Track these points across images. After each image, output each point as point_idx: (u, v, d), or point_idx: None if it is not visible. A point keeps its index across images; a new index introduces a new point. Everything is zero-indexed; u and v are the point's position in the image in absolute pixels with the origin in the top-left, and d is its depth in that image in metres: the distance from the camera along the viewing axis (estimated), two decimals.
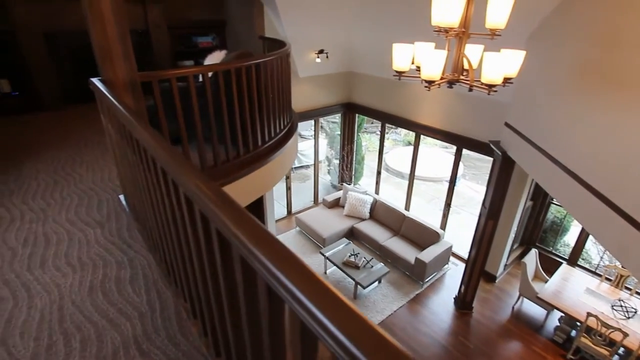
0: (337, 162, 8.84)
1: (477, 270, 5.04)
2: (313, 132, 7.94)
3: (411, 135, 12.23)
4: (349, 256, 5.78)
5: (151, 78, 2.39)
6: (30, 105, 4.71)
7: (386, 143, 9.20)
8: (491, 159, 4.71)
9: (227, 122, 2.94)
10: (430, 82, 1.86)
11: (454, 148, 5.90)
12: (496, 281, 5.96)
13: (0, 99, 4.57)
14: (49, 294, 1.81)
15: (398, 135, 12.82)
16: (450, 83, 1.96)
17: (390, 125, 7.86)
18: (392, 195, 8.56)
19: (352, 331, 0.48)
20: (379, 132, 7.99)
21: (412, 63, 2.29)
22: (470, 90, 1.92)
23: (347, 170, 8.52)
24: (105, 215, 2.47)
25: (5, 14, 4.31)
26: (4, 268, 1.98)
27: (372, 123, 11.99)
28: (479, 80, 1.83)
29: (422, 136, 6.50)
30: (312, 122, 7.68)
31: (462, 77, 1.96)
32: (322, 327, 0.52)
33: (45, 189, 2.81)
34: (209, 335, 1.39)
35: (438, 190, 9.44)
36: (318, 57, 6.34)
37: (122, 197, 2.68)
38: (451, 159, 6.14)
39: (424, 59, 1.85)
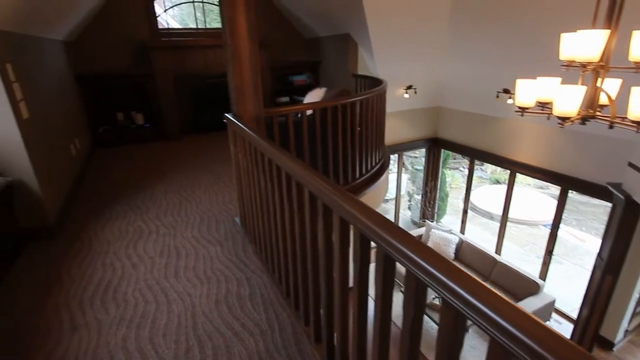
0: (418, 197, 8.60)
1: (590, 334, 4.36)
2: (395, 166, 7.90)
3: (500, 173, 11.45)
4: (433, 299, 5.44)
5: (272, 113, 2.68)
6: (157, 135, 5.54)
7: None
8: (600, 203, 4.18)
9: (330, 153, 3.12)
10: (564, 119, 1.77)
11: (551, 188, 5.36)
12: (614, 349, 5.05)
13: (136, 130, 5.46)
14: (183, 301, 2.04)
15: (484, 173, 12.07)
16: (584, 119, 1.83)
17: (477, 162, 7.48)
18: (479, 237, 7.97)
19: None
20: (462, 168, 7.66)
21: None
22: (611, 127, 1.77)
23: (430, 206, 8.22)
24: (222, 235, 2.73)
25: (149, 61, 5.22)
26: (147, 274, 2.29)
27: (454, 159, 11.55)
28: (623, 117, 1.69)
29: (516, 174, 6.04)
30: (395, 156, 7.66)
31: (598, 113, 1.83)
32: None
33: (173, 208, 3.22)
34: None
35: (533, 235, 8.54)
36: (406, 93, 6.42)
37: (237, 219, 2.94)
38: (548, 200, 5.57)
39: (558, 95, 1.78)
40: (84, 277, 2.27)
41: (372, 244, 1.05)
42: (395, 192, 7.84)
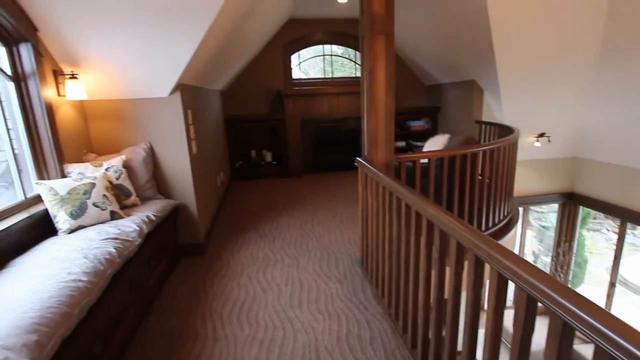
0: (547, 259, 7.44)
1: None
2: (520, 221, 7.05)
3: None
4: None
5: (401, 159, 2.73)
6: (282, 172, 6.14)
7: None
8: None
9: (456, 203, 2.99)
10: None
11: None
12: None
13: (264, 166, 6.16)
14: (307, 333, 2.12)
15: (637, 239, 9.84)
16: None
17: (633, 226, 6.16)
18: (631, 317, 6.38)
19: None
20: (606, 231, 6.39)
21: None
22: None
23: (562, 272, 7.00)
24: (342, 273, 2.80)
25: (282, 107, 5.94)
26: (275, 301, 2.47)
27: (594, 218, 9.74)
28: None
29: None
30: (520, 209, 6.87)
31: None
32: None
33: (295, 240, 3.47)
34: None
35: None
36: (537, 141, 5.84)
37: (356, 259, 3.00)
38: None
39: None
40: (223, 294, 2.57)
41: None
42: (518, 249, 6.95)
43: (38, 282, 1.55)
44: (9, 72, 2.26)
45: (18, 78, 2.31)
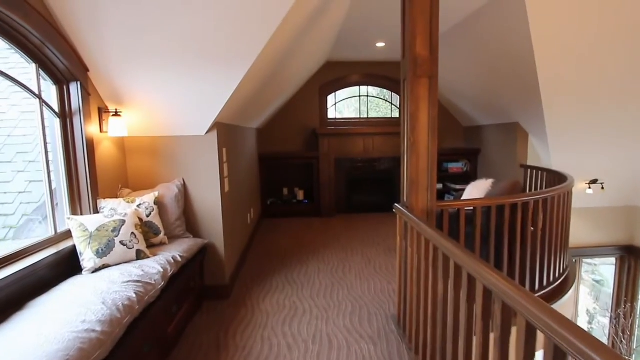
0: (605, 321, 6.59)
1: None
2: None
3: None
4: None
5: (443, 207, 2.50)
6: (314, 211, 6.00)
7: None
8: None
9: (505, 256, 2.68)
10: None
11: None
12: None
13: (296, 204, 6.06)
14: None
15: None
16: None
17: None
18: None
19: None
20: None
21: None
22: None
23: (626, 338, 6.13)
24: (376, 332, 2.52)
25: (317, 145, 5.92)
26: (300, 359, 2.22)
27: None
28: None
29: None
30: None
31: None
32: None
33: (325, 289, 3.23)
34: None
35: None
36: (589, 188, 5.38)
37: (391, 316, 2.71)
38: None
39: None
40: (245, 347, 2.36)
41: None
42: (573, 310, 6.21)
43: (50, 331, 1.44)
44: (57, 109, 2.34)
45: (64, 115, 2.38)
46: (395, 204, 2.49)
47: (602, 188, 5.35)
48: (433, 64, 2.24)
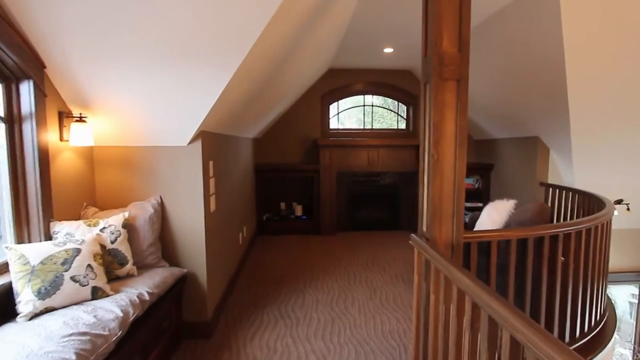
0: (627, 353, 6.07)
1: None
2: None
3: None
4: None
5: (471, 239, 2.06)
6: (313, 228, 5.54)
7: None
8: None
9: (543, 296, 2.23)
10: None
11: None
12: None
13: (294, 220, 5.62)
14: None
15: None
16: None
17: None
18: None
19: None
20: None
21: None
22: None
23: None
24: None
25: (318, 157, 5.50)
26: None
27: None
28: None
29: None
30: None
31: None
32: None
33: (324, 327, 2.77)
34: None
35: None
36: (615, 209, 4.92)
37: None
38: None
39: None
40: None
41: None
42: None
43: None
44: (1, 112, 1.92)
45: (11, 119, 1.96)
46: (412, 235, 2.04)
47: (628, 209, 4.92)
48: (463, 63, 1.82)
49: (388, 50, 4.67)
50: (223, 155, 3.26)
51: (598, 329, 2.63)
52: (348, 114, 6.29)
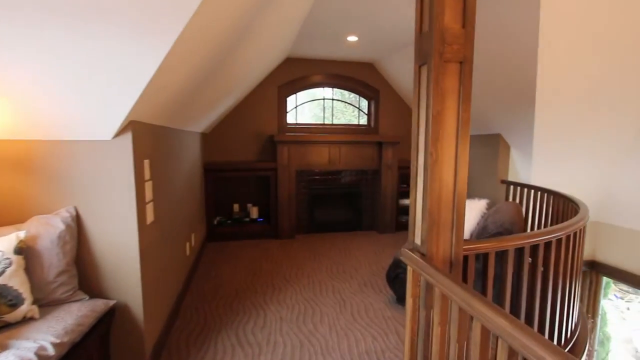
0: None
1: None
2: None
3: None
4: None
5: (469, 252, 1.77)
6: (270, 232, 5.07)
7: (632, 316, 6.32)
8: None
9: (537, 301, 2.02)
10: None
11: None
12: None
13: (249, 223, 5.10)
14: None
15: None
16: None
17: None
18: None
19: None
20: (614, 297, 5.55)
21: None
22: None
23: (588, 355, 5.98)
24: None
25: (274, 155, 5.02)
26: None
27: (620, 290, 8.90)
28: None
29: None
30: None
31: None
32: None
33: (292, 354, 2.35)
34: None
35: None
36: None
37: None
38: None
39: None
40: None
41: None
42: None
43: None
44: None
45: None
46: (405, 250, 1.69)
47: None
48: (467, 42, 1.50)
49: (352, 38, 4.32)
50: (163, 152, 2.68)
51: (575, 338, 2.51)
52: (306, 108, 5.87)
